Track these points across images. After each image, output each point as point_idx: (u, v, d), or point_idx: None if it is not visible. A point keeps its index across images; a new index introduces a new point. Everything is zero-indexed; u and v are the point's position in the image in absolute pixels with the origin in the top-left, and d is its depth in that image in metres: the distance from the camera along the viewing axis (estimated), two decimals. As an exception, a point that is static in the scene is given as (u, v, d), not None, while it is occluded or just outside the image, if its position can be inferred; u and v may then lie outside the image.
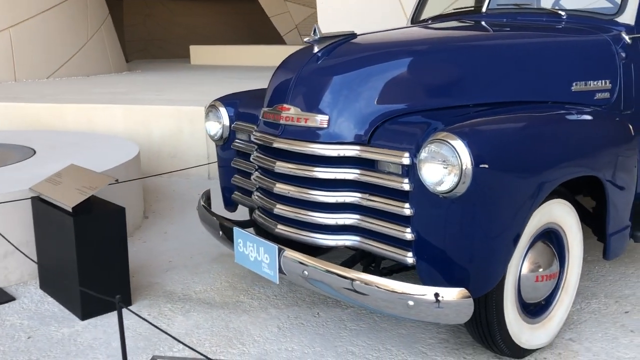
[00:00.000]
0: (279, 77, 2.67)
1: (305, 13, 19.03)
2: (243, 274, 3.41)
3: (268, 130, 2.60)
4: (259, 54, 15.32)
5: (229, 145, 3.13)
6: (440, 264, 2.17)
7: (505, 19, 3.07)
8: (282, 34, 19.15)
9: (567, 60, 2.67)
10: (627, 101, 2.79)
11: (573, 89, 2.64)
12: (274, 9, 19.29)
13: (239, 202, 3.10)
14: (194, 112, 5.60)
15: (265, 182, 2.62)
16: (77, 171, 3.08)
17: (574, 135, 2.33)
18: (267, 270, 2.49)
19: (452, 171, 2.01)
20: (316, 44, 2.52)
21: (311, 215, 2.43)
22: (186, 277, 3.38)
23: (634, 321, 2.80)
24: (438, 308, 2.07)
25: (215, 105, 3.14)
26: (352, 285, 2.21)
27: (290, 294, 3.14)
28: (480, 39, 2.72)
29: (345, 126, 2.35)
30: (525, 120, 2.27)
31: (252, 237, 2.56)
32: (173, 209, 4.75)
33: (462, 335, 2.68)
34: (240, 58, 14.98)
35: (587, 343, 2.61)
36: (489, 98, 2.47)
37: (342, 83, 2.39)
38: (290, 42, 18.74)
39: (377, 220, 2.30)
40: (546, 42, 2.70)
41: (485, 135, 2.08)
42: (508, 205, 2.10)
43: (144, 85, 8.27)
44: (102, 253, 2.82)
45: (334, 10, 8.54)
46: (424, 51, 2.54)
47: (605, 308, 2.94)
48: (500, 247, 2.13)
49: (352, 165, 2.34)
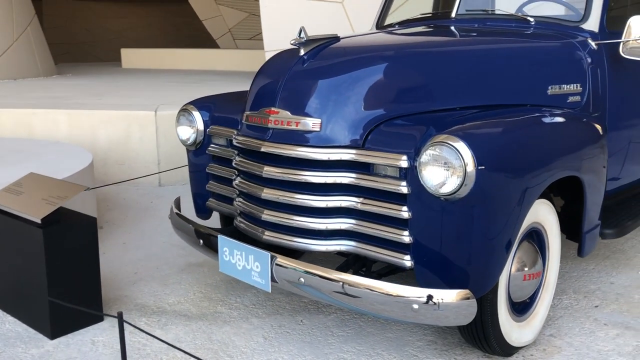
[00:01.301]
0: (263, 79, 2.61)
1: (238, 17, 18.85)
2: (216, 283, 3.31)
3: (253, 134, 2.53)
4: (193, 57, 15.05)
5: (202, 151, 3.02)
6: (439, 266, 2.18)
7: (476, 24, 3.14)
8: (215, 38, 18.87)
9: (543, 64, 2.76)
10: (595, 104, 2.92)
11: (549, 93, 2.73)
12: (206, 12, 18.98)
13: (214, 209, 3.01)
14: (144, 116, 5.40)
15: (251, 188, 2.54)
16: (40, 180, 2.89)
17: (561, 137, 2.40)
18: (258, 279, 2.42)
19: (454, 173, 2.02)
20: (302, 46, 2.48)
21: (304, 220, 2.38)
22: (156, 289, 3.23)
23: (605, 315, 2.93)
24: (442, 310, 2.07)
25: (188, 109, 3.03)
26: (349, 291, 2.18)
27: (269, 302, 3.07)
28: (465, 43, 2.77)
29: (339, 129, 2.32)
30: (519, 123, 2.32)
31: (240, 245, 2.47)
32: (127, 218, 4.55)
33: (448, 336, 2.71)
34: (174, 61, 14.64)
35: (567, 338, 2.69)
36: (475, 101, 2.51)
37: (334, 86, 2.36)
38: (223, 45, 18.52)
39: (373, 224, 2.28)
40: (524, 47, 2.78)
41: (485, 137, 2.11)
42: (506, 205, 2.13)
43: (82, 89, 7.90)
44: (73, 266, 2.65)
45: (276, 15, 8.49)
46: (414, 55, 2.55)
47: (576, 303, 3.05)
48: (500, 246, 2.16)
49: (346, 169, 2.32)
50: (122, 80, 9.61)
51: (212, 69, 13.39)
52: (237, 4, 18.69)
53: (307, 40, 2.47)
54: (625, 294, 3.16)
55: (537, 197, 2.25)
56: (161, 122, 5.41)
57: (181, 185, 5.51)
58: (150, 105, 5.79)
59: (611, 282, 3.31)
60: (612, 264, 3.55)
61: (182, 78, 10.18)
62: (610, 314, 2.93)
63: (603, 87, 2.95)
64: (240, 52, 15.51)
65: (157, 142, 5.41)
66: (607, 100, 2.97)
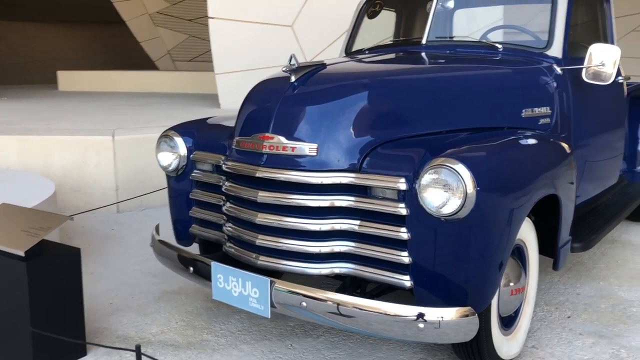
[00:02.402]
0: (253, 105, 2.63)
1: (177, 39, 18.70)
2: (196, 311, 3.26)
3: (245, 159, 2.54)
4: (132, 79, 14.73)
5: (184, 177, 2.99)
6: (439, 285, 2.24)
7: (447, 50, 3.28)
8: (154, 60, 18.60)
9: (518, 89, 2.92)
10: (562, 125, 3.10)
11: (523, 115, 2.88)
12: (144, 34, 18.70)
13: (198, 235, 2.97)
14: (100, 142, 5.26)
15: (243, 213, 2.54)
16: (14, 211, 2.77)
17: (543, 158, 2.54)
18: (256, 305, 2.41)
19: (455, 194, 2.10)
20: (293, 73, 2.52)
21: (301, 244, 2.40)
22: (136, 320, 3.14)
23: (578, 325, 3.08)
24: (447, 328, 2.13)
25: (169, 135, 2.99)
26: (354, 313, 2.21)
27: (254, 327, 3.05)
28: (448, 70, 2.88)
29: (335, 153, 2.37)
30: (508, 145, 2.44)
31: (236, 271, 2.46)
32: (90, 247, 4.40)
33: (437, 353, 2.77)
34: (113, 84, 14.29)
35: (548, 349, 2.82)
36: (459, 124, 2.62)
37: (329, 111, 2.41)
38: (163, 67, 18.28)
39: (372, 245, 2.33)
40: (500, 73, 2.93)
41: (481, 159, 2.20)
42: (501, 223, 2.23)
43: (24, 113, 7.60)
44: (56, 299, 2.56)
45: (226, 38, 8.51)
46: (403, 81, 2.64)
47: (550, 315, 3.19)
48: (496, 263, 2.25)
49: (343, 192, 2.36)
50: (65, 104, 9.32)
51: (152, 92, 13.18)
52: (176, 26, 18.55)
53: (297, 67, 2.51)
54: (592, 304, 3.34)
55: (526, 214, 2.36)
56: (119, 147, 5.28)
57: (140, 211, 5.39)
58: (103, 130, 5.66)
59: (577, 293, 3.49)
60: (575, 276, 3.74)
61: (127, 101, 9.98)
62: (583, 323, 3.09)
63: (568, 109, 3.14)
64: (181, 74, 15.33)
65: (114, 167, 5.28)
66: (571, 121, 3.17)
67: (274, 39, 8.47)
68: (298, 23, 8.38)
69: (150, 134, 5.54)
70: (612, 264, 3.95)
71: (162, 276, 3.77)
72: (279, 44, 8.50)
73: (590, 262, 3.99)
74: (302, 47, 8.48)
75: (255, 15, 8.36)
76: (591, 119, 3.43)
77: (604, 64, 3.01)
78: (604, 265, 3.93)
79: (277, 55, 8.58)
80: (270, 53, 8.54)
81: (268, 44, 8.48)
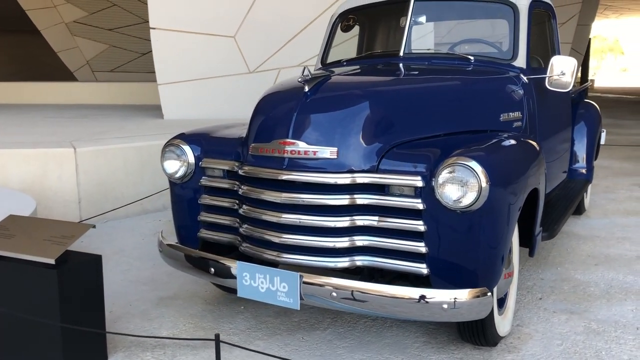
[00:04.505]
0: (268, 113, 2.80)
1: (97, 49, 18.18)
2: (199, 313, 3.36)
3: (265, 164, 2.70)
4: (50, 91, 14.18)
5: (191, 183, 3.10)
6: (454, 270, 2.52)
7: (426, 62, 3.59)
8: (73, 70, 17.98)
9: (497, 95, 3.27)
10: (530, 127, 3.49)
11: (501, 119, 3.23)
12: (60, 43, 18.06)
13: (208, 239, 3.08)
14: (61, 154, 5.18)
15: (264, 214, 2.70)
16: (28, 221, 2.79)
17: (529, 155, 2.88)
18: (285, 299, 2.58)
19: (471, 189, 2.38)
20: (307, 83, 2.72)
21: (324, 240, 2.60)
22: (142, 325, 3.21)
23: (550, 304, 3.46)
24: (464, 308, 2.41)
25: (176, 144, 3.10)
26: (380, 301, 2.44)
27: (261, 324, 3.20)
28: (445, 80, 3.17)
29: (354, 156, 2.59)
30: (506, 145, 2.76)
31: (263, 268, 2.62)
32: (65, 260, 4.34)
33: (438, 335, 3.05)
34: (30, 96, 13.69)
35: (532, 326, 3.17)
36: (454, 128, 2.92)
37: (346, 117, 2.63)
38: (82, 78, 17.70)
39: (390, 238, 2.57)
40: (484, 81, 3.28)
41: (489, 157, 2.50)
42: (506, 213, 2.54)
43: (-42, 127, 7.24)
44: (82, 305, 2.61)
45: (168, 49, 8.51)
46: (409, 89, 2.93)
47: (524, 298, 3.56)
48: (502, 249, 2.56)
49: (363, 191, 2.58)
50: (-6, 117, 8.91)
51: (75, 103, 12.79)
52: (95, 36, 18.04)
53: (311, 77, 2.71)
54: (556, 286, 3.75)
55: (522, 205, 2.69)
56: (81, 160, 5.22)
57: (103, 222, 5.33)
58: (60, 142, 5.57)
59: (541, 278, 3.90)
60: (535, 264, 4.15)
61: (59, 113, 9.68)
62: (554, 303, 3.48)
63: (533, 113, 3.54)
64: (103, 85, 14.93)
65: (77, 179, 5.21)
66: (536, 124, 3.57)
67: (217, 50, 8.56)
68: (241, 34, 8.52)
69: (111, 145, 5.53)
70: (564, 252, 4.42)
71: (151, 284, 3.83)
72: (222, 55, 8.60)
73: (545, 251, 4.43)
74: (245, 58, 8.63)
75: (197, 26, 8.42)
76: (549, 122, 3.86)
77: (564, 74, 3.43)
78: (557, 254, 4.38)
79: (220, 65, 8.72)
80: (214, 64, 8.64)
81: (211, 55, 8.57)
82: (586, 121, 5.16)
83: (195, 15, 8.42)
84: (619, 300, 3.51)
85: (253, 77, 8.65)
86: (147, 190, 5.59)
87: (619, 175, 7.47)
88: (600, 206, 5.85)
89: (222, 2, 8.44)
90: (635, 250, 4.46)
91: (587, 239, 4.75)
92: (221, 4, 8.43)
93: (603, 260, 4.23)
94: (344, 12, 4.16)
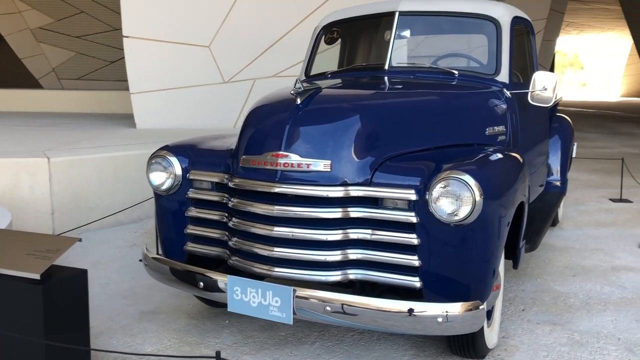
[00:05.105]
0: (259, 125, 2.78)
1: (63, 56, 17.84)
2: (183, 328, 3.29)
3: (257, 176, 2.67)
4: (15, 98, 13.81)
5: (177, 195, 3.05)
6: (447, 283, 2.53)
7: (411, 75, 3.62)
8: (38, 78, 17.59)
9: (483, 109, 3.31)
10: (513, 141, 3.55)
11: (487, 133, 3.28)
12: (25, 50, 17.67)
13: (194, 252, 3.03)
14: (34, 164, 5.04)
15: (255, 227, 2.67)
16: (9, 234, 2.69)
17: (517, 169, 2.92)
18: (278, 314, 2.55)
19: (465, 202, 2.40)
20: (299, 95, 2.70)
21: (316, 254, 2.58)
22: (125, 340, 3.13)
23: (532, 315, 3.51)
24: (461, 320, 2.42)
25: (162, 155, 3.04)
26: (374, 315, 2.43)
27: (248, 339, 3.15)
28: (433, 95, 3.20)
29: (347, 169, 2.58)
30: (495, 158, 2.79)
31: (255, 282, 2.59)
32: (39, 273, 4.21)
33: (426, 348, 3.05)
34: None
35: (517, 338, 3.20)
36: (442, 142, 2.95)
37: (339, 130, 2.63)
38: (47, 86, 17.31)
39: (383, 252, 2.57)
40: (470, 96, 3.32)
41: (481, 170, 2.53)
42: (498, 226, 2.57)
43: None
44: (67, 318, 2.53)
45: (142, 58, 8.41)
46: (400, 103, 2.94)
47: (507, 310, 3.60)
48: (494, 261, 2.58)
49: (356, 204, 2.58)
50: (-42, 125, 8.63)
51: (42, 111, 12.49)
52: (61, 43, 17.70)
53: (303, 90, 2.70)
54: (537, 297, 3.80)
55: (511, 218, 2.72)
56: (55, 170, 5.09)
57: (77, 235, 5.21)
58: (33, 151, 5.42)
59: (522, 289, 3.95)
60: (515, 276, 4.21)
61: (26, 121, 9.43)
62: (536, 314, 3.52)
63: (516, 127, 3.60)
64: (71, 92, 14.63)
65: (50, 190, 5.07)
66: (518, 138, 3.63)
67: (191, 59, 8.48)
68: (215, 43, 8.47)
69: (86, 155, 5.41)
70: (541, 264, 4.49)
71: (132, 297, 3.74)
72: (196, 64, 8.53)
73: (523, 263, 4.49)
74: (219, 68, 8.58)
75: (172, 35, 8.34)
76: (530, 136, 3.93)
77: (546, 89, 3.50)
78: (535, 265, 4.45)
79: (195, 75, 8.64)
80: (188, 73, 8.55)
81: (185, 64, 8.49)
82: (560, 135, 5.28)
83: (170, 24, 8.34)
84: (598, 311, 3.58)
85: (228, 87, 8.60)
86: (122, 201, 5.48)
87: (587, 187, 7.65)
88: (572, 218, 5.98)
89: (197, 11, 8.38)
90: (609, 261, 4.56)
91: (563, 250, 4.84)
92: (196, 13, 8.37)
93: (580, 271, 4.32)
94: (328, 25, 4.18)
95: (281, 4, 8.44)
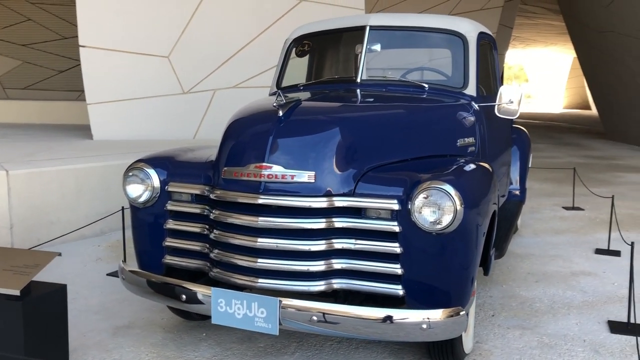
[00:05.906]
0: (240, 137, 2.79)
1: (9, 65, 17.25)
2: (160, 342, 3.25)
3: (240, 188, 2.68)
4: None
5: (156, 208, 3.02)
6: (429, 290, 2.59)
7: (383, 88, 3.70)
8: (-18, 87, 16.94)
9: (454, 122, 3.42)
10: (482, 152, 3.67)
11: (458, 145, 3.38)
12: (-32, 58, 17.01)
13: (173, 265, 3.00)
14: (-7, 176, 4.87)
15: (238, 239, 2.67)
16: (-18, 250, 2.61)
17: (490, 178, 3.03)
18: (263, 325, 2.55)
19: (447, 212, 2.48)
20: (281, 108, 2.73)
21: (301, 264, 2.60)
22: (101, 356, 3.06)
23: (502, 321, 3.62)
24: (442, 326, 2.48)
25: (140, 167, 3.01)
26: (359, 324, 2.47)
27: (227, 352, 3.14)
28: (410, 108, 3.27)
29: (331, 179, 2.62)
30: (472, 168, 2.88)
31: (240, 294, 2.59)
32: (1, 290, 4.07)
33: (404, 355, 3.11)
34: None
35: (490, 342, 3.30)
36: (419, 153, 3.03)
37: (322, 141, 2.67)
38: (-8, 96, 16.71)
39: (367, 261, 2.61)
40: (443, 109, 3.42)
41: (461, 180, 2.61)
42: (476, 233, 2.65)
43: None
44: (47, 334, 2.47)
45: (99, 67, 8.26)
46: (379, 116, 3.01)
47: (477, 315, 3.70)
48: (473, 268, 2.66)
49: (340, 214, 2.62)
50: None
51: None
52: (7, 51, 17.12)
53: (285, 102, 2.74)
54: (505, 303, 3.93)
55: (487, 226, 2.82)
56: (14, 183, 4.94)
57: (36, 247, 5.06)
58: (-11, 163, 5.25)
59: (490, 295, 4.07)
60: (481, 282, 4.33)
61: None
62: (506, 319, 3.64)
63: (484, 138, 3.73)
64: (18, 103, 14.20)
65: (9, 203, 4.91)
66: (486, 149, 3.76)
67: (150, 70, 8.39)
68: (175, 54, 8.40)
69: (46, 167, 5.26)
70: (505, 271, 4.64)
71: (103, 312, 3.66)
72: (155, 75, 8.44)
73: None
74: (179, 78, 8.50)
75: (130, 44, 8.23)
76: (495, 146, 4.07)
77: (512, 102, 3.64)
78: (499, 272, 4.59)
79: (153, 85, 8.54)
80: (147, 83, 8.45)
81: (144, 75, 8.38)
82: (519, 145, 5.47)
83: (128, 34, 8.23)
84: (563, 315, 3.72)
85: (187, 97, 8.53)
86: (85, 215, 5.36)
87: (541, 195, 7.94)
88: (529, 225, 6.20)
89: (156, 21, 8.30)
90: (567, 266, 4.75)
91: (524, 257, 5.01)
92: (155, 23, 8.29)
93: (542, 277, 4.48)
94: (299, 37, 4.22)
95: (241, 15, 8.46)
